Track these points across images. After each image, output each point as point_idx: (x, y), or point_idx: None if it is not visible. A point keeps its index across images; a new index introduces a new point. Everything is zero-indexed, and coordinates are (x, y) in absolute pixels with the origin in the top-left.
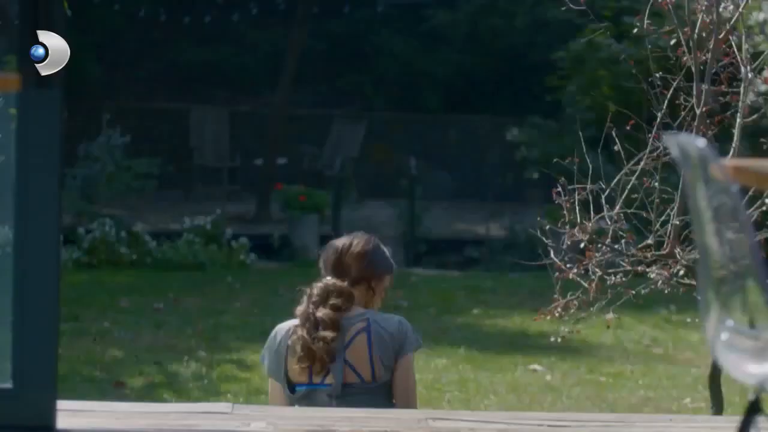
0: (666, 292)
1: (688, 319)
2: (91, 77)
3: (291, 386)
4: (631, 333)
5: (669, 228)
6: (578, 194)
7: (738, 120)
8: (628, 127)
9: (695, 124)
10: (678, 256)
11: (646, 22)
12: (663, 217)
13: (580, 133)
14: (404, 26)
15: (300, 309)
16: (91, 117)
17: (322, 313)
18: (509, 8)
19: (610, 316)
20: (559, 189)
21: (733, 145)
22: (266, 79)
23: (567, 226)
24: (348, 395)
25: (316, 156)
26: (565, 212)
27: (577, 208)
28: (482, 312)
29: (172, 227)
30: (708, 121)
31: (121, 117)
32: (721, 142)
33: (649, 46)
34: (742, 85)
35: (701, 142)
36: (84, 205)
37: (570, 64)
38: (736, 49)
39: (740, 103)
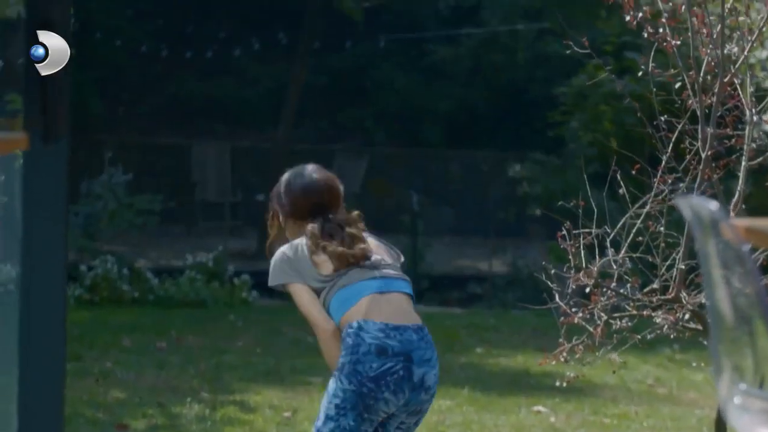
0: (672, 337)
1: (694, 363)
2: (93, 112)
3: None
4: (635, 373)
5: (675, 272)
6: (583, 238)
7: (743, 163)
8: (633, 171)
9: (701, 167)
10: (684, 300)
11: (651, 64)
12: (668, 262)
13: (584, 170)
14: (406, 61)
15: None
16: (93, 153)
17: (353, 230)
18: (510, 43)
19: (615, 357)
20: (564, 233)
21: (739, 188)
22: (268, 113)
23: (572, 271)
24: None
25: None
26: (570, 257)
27: (582, 252)
28: (485, 351)
29: (173, 263)
30: (713, 164)
31: (123, 152)
32: (725, 183)
33: (654, 89)
34: (747, 128)
35: (713, 205)
36: (86, 242)
37: (572, 100)
38: (740, 92)
39: (745, 146)
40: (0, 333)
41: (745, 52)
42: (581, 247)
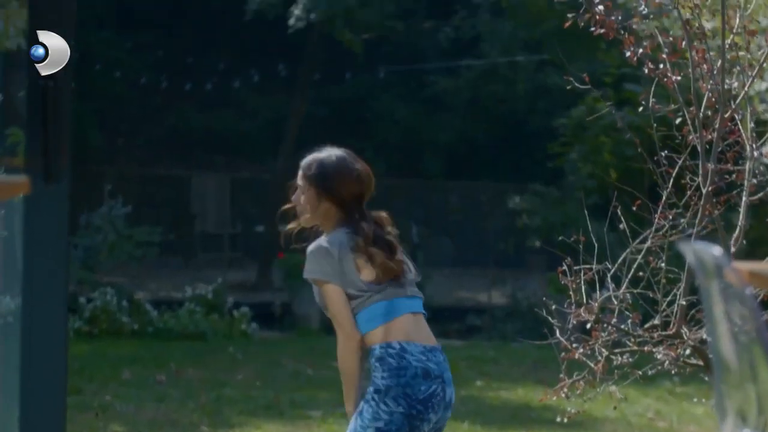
0: (673, 372)
1: (694, 398)
2: (93, 144)
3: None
4: (636, 406)
5: (675, 308)
6: (584, 274)
7: (744, 198)
8: (634, 207)
9: (701, 203)
10: (685, 336)
11: (651, 99)
12: (669, 297)
13: (584, 203)
14: (405, 92)
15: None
16: (93, 185)
17: (390, 237)
18: (510, 75)
19: (615, 390)
20: (564, 268)
21: (740, 223)
22: (267, 145)
23: (573, 306)
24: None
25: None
26: (571, 292)
27: (582, 287)
28: (485, 384)
29: (173, 295)
30: (714, 200)
31: (123, 184)
32: (726, 217)
33: (655, 124)
34: (748, 164)
35: (717, 250)
36: (85, 273)
37: (571, 131)
38: (741, 127)
39: (746, 182)
40: (1, 368)
41: (746, 88)
42: (582, 282)
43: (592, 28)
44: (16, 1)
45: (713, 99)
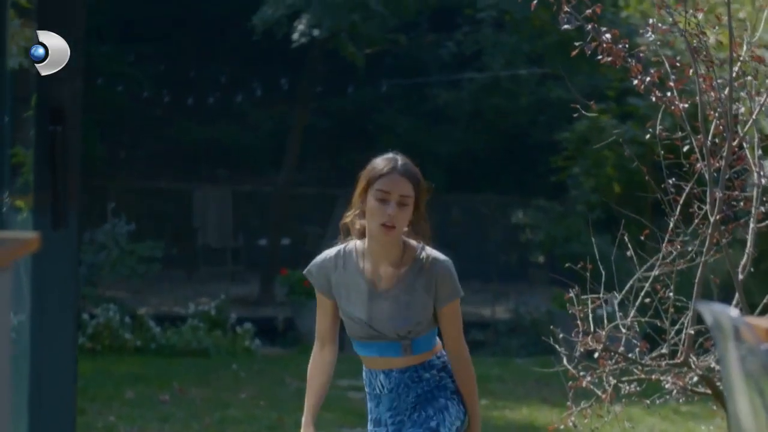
0: (680, 401)
1: (700, 418)
2: (95, 157)
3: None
4: (641, 426)
5: (683, 336)
6: (591, 303)
7: (751, 225)
8: (642, 237)
9: (709, 231)
10: (693, 365)
11: (658, 127)
12: (677, 326)
13: (587, 218)
14: (408, 105)
15: None
16: (96, 200)
17: None
18: (513, 88)
19: (619, 410)
20: (572, 295)
21: (747, 250)
22: (269, 158)
23: (580, 335)
24: None
25: (320, 236)
26: (578, 322)
27: (590, 317)
28: (490, 403)
29: (175, 310)
30: (722, 228)
31: (125, 197)
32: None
33: (662, 152)
34: (755, 190)
35: (734, 312)
36: (88, 289)
37: (574, 145)
38: (748, 154)
39: (753, 209)
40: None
41: (753, 116)
42: (588, 304)
43: (599, 57)
44: (18, 20)
45: (721, 127)
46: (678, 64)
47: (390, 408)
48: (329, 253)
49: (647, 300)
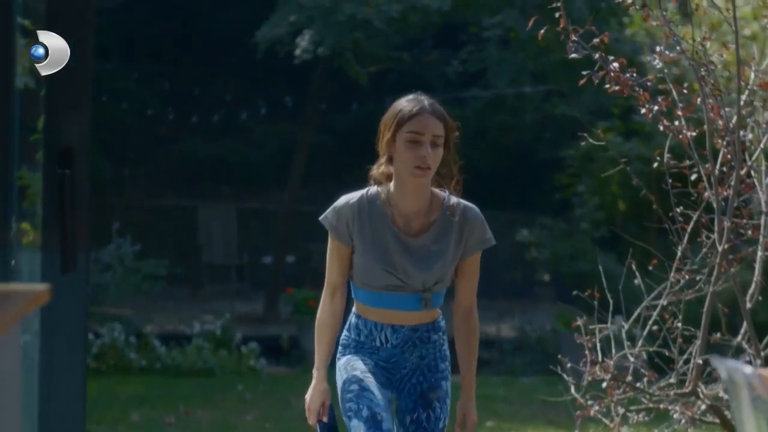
0: (689, 431)
1: None
2: (100, 175)
3: None
4: None
5: (691, 365)
6: (599, 332)
7: (759, 253)
8: (650, 267)
9: (717, 261)
10: (701, 394)
11: (666, 155)
12: (685, 356)
13: (592, 236)
14: None
15: None
16: (100, 216)
17: None
18: (517, 105)
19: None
20: (579, 322)
21: (755, 279)
22: (274, 175)
23: (588, 365)
24: None
25: (325, 253)
26: (586, 352)
27: (598, 346)
28: (496, 425)
29: (180, 328)
30: (730, 257)
31: (129, 215)
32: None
33: (670, 180)
34: (763, 219)
35: (748, 369)
36: (92, 308)
37: (579, 162)
38: (756, 182)
39: (761, 237)
40: None
41: (761, 145)
42: (596, 333)
43: (607, 85)
44: (23, 39)
45: (728, 156)
46: (685, 91)
47: (387, 360)
48: (351, 197)
49: (655, 328)
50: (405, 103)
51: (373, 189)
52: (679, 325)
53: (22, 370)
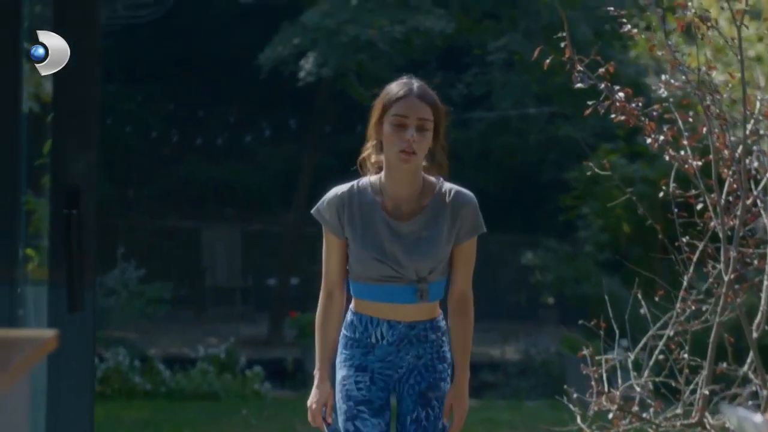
0: None
1: None
2: (104, 196)
3: None
4: None
5: (698, 395)
6: (606, 363)
7: (765, 282)
8: (656, 298)
9: (723, 291)
10: (707, 425)
11: (672, 185)
12: (692, 386)
13: (596, 257)
14: None
15: None
16: (104, 241)
17: None
18: (521, 126)
19: None
20: (585, 353)
21: (761, 308)
22: (278, 197)
23: (594, 395)
24: None
25: None
26: (593, 383)
27: (604, 377)
28: None
29: (185, 351)
30: (736, 287)
31: (133, 237)
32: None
33: (676, 210)
34: None
35: (758, 418)
36: (96, 332)
37: (583, 185)
38: (762, 212)
39: (767, 267)
40: None
41: None
42: (602, 364)
43: (612, 115)
44: (27, 64)
45: (734, 185)
46: (690, 120)
47: (382, 360)
48: (340, 188)
49: (661, 357)
50: (393, 86)
51: (364, 179)
52: (686, 356)
53: (30, 408)
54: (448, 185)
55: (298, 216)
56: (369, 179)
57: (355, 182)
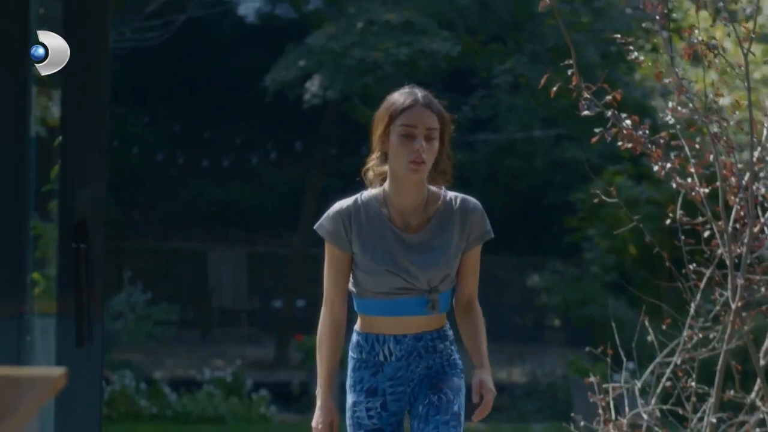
0: None
1: None
2: (110, 218)
3: None
4: None
5: (705, 423)
6: (613, 391)
7: None
8: (664, 326)
9: (730, 318)
10: None
11: (679, 212)
12: (699, 414)
13: (603, 278)
14: None
15: None
16: (111, 263)
17: None
18: (527, 149)
19: None
20: (592, 379)
21: None
22: (284, 219)
23: (601, 423)
24: None
25: None
26: (600, 411)
27: (611, 404)
28: None
29: (191, 373)
30: (743, 314)
31: (140, 259)
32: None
33: (683, 237)
34: None
35: None
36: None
37: (589, 207)
38: None
39: None
40: None
41: None
42: (609, 392)
43: (620, 143)
44: (35, 87)
45: (742, 212)
46: (697, 146)
47: (392, 377)
48: (345, 202)
49: (668, 383)
50: (398, 96)
51: (366, 192)
52: (693, 383)
53: None
54: (452, 193)
55: (304, 238)
56: (371, 192)
57: (357, 196)
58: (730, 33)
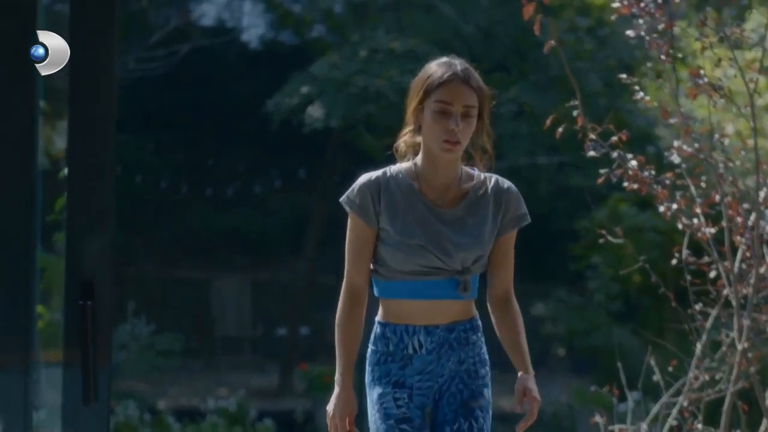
0: None
1: None
2: (113, 245)
3: None
4: None
5: None
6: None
7: None
8: (670, 368)
9: (736, 360)
10: None
11: (685, 251)
12: None
13: (607, 307)
14: None
15: None
16: (115, 292)
17: None
18: (531, 176)
19: None
20: (598, 419)
21: None
22: (288, 246)
23: None
24: None
25: None
26: None
27: None
28: None
29: (194, 403)
30: (749, 355)
31: (143, 287)
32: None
33: (689, 277)
34: None
35: None
36: None
37: (593, 235)
38: None
39: None
40: None
41: None
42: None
43: (625, 184)
44: (40, 116)
45: (748, 253)
46: (703, 185)
47: (421, 372)
48: (373, 174)
49: (674, 422)
50: (435, 68)
51: (394, 166)
52: (700, 426)
53: None
54: (487, 174)
55: (308, 265)
56: (400, 166)
57: (386, 168)
58: (734, 66)
